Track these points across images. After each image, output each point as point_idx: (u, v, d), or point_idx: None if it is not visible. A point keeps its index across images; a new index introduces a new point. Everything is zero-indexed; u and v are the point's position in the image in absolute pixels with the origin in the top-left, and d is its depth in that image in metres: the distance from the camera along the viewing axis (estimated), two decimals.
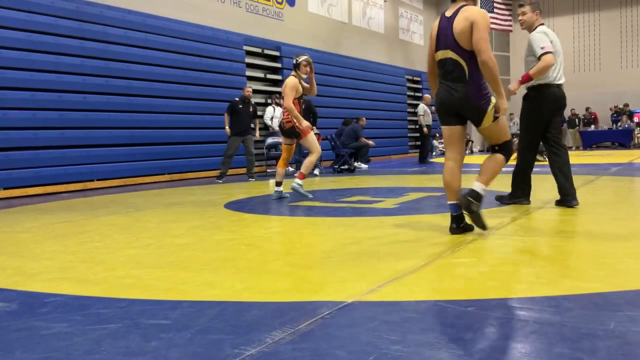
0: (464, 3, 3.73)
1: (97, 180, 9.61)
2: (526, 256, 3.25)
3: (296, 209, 5.74)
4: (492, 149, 3.96)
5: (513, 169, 5.37)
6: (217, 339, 1.93)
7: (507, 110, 3.72)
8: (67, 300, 2.53)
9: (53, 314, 2.31)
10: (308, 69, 6.50)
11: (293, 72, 6.56)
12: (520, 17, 5.16)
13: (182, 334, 1.99)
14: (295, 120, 6.41)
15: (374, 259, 3.16)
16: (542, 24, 5.08)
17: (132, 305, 2.39)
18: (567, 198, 4.99)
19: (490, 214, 4.82)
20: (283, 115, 6.68)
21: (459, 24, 3.62)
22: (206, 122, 11.63)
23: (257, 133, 11.10)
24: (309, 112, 11.23)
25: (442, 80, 3.79)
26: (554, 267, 2.96)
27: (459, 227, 3.82)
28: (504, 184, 5.80)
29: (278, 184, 6.66)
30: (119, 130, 9.93)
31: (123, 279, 2.89)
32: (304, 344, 1.86)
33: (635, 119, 20.89)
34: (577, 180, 7.55)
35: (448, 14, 3.74)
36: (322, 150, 12.24)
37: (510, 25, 23.91)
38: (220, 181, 10.18)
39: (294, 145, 6.83)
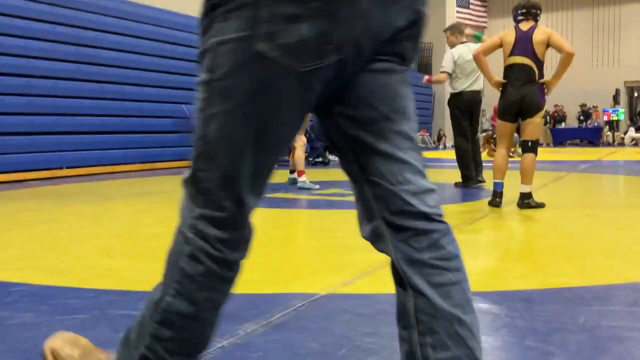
0: (534, 24, 4.71)
1: (67, 168, 9.41)
2: (498, 251, 3.28)
3: (270, 201, 5.71)
4: (524, 144, 4.75)
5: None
6: None
7: (482, 107, 4.39)
8: (33, 289, 2.46)
9: (19, 304, 2.25)
10: None
11: None
12: (447, 40, 6.83)
13: None
14: None
15: (348, 251, 3.16)
16: (464, 42, 6.60)
17: (101, 296, 2.34)
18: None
19: (464, 210, 4.86)
20: None
21: (538, 36, 4.61)
22: (180, 112, 11.48)
23: None
24: None
25: (514, 79, 4.65)
26: (525, 261, 2.99)
27: (501, 200, 4.73)
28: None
29: (291, 171, 7.16)
30: (90, 117, 9.73)
31: (92, 269, 2.83)
32: (277, 335, 1.85)
33: (605, 118, 21.31)
34: (547, 176, 7.68)
35: (523, 27, 4.70)
36: None
37: (485, 22, 24.16)
38: None
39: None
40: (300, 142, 6.78)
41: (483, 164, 6.71)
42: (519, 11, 4.79)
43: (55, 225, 4.24)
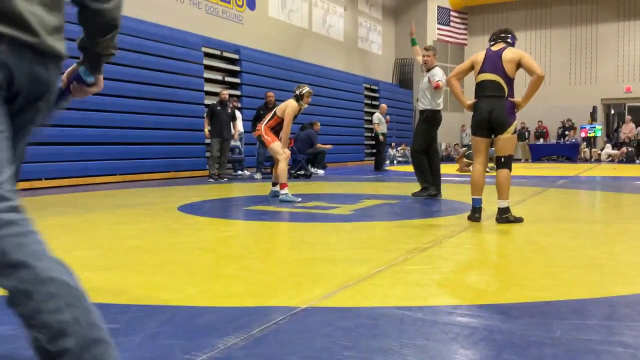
0: (505, 45, 4.87)
1: (46, 179, 9.31)
2: (477, 264, 3.31)
3: (252, 214, 5.70)
4: (497, 160, 4.82)
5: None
6: (167, 344, 1.90)
7: (462, 122, 4.34)
8: None
9: None
10: (310, 99, 7.06)
11: (293, 99, 7.01)
12: (424, 58, 7.02)
13: (131, 339, 1.94)
14: (266, 135, 6.88)
15: (329, 264, 3.17)
16: (436, 66, 6.99)
17: None
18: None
19: (444, 224, 4.90)
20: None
21: (507, 55, 4.77)
22: (161, 123, 11.43)
23: (236, 135, 11.52)
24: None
25: (483, 96, 4.80)
26: (503, 275, 3.03)
27: (480, 216, 4.83)
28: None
29: (274, 184, 7.11)
30: (70, 128, 9.64)
31: None
32: (257, 349, 1.85)
33: (582, 134, 21.65)
34: (526, 191, 7.78)
35: (494, 48, 4.89)
36: None
37: (465, 39, 24.48)
38: (213, 180, 10.55)
39: None
40: (284, 155, 6.79)
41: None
42: (491, 38, 5.03)
43: None
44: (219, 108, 10.71)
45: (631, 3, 22.04)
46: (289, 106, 6.85)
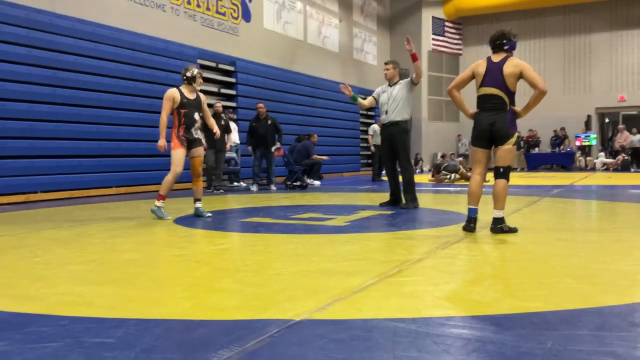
0: (507, 55, 4.80)
1: (41, 192, 9.30)
2: (471, 275, 3.33)
3: (247, 226, 5.71)
4: (496, 170, 4.84)
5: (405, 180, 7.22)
6: (162, 358, 1.91)
7: (458, 131, 4.35)
8: (5, 317, 2.44)
9: None
10: (201, 80, 6.51)
11: (184, 83, 6.46)
12: (385, 71, 7.14)
13: (126, 353, 1.95)
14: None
15: (324, 276, 3.18)
16: (399, 79, 7.17)
17: (74, 323, 2.32)
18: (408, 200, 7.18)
19: (439, 234, 4.92)
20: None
21: (508, 69, 4.71)
22: (157, 135, 11.43)
23: (228, 146, 11.62)
24: (275, 130, 11.34)
25: (485, 109, 4.81)
26: (497, 286, 3.04)
27: (475, 226, 4.88)
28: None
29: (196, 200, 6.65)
30: (65, 141, 9.66)
31: (65, 296, 2.81)
32: None
33: (577, 143, 21.76)
34: (521, 201, 7.81)
35: (495, 59, 4.81)
36: (275, 166, 12.21)
37: (460, 49, 24.61)
38: (218, 191, 10.85)
39: (200, 158, 6.73)
40: (172, 172, 6.40)
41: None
42: (490, 45, 4.92)
43: (28, 251, 4.19)
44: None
45: (623, 13, 22.24)
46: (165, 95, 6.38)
